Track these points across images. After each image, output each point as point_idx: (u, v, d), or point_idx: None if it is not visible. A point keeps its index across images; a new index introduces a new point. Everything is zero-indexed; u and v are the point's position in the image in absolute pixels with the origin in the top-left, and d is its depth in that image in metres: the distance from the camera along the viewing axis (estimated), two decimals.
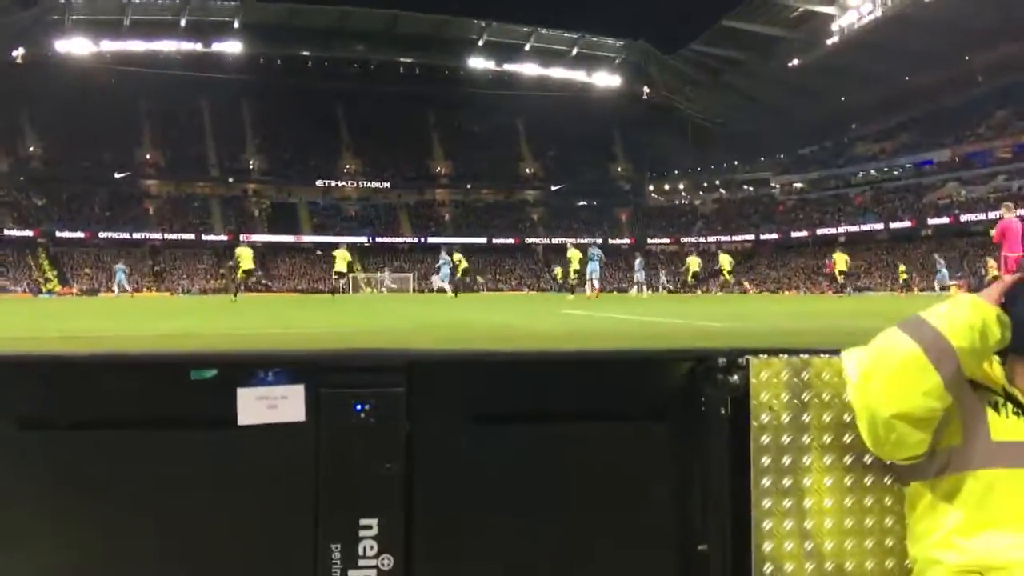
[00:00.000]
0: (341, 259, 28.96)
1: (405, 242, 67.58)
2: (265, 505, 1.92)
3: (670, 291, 32.86)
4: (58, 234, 59.73)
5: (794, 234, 63.04)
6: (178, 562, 1.89)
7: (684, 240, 69.09)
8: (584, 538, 2.04)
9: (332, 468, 1.92)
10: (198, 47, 65.72)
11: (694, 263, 34.90)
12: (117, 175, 65.05)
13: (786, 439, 1.97)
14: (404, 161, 73.11)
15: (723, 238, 66.78)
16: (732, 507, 2.00)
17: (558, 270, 30.64)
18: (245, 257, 23.67)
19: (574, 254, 29.56)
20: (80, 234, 60.09)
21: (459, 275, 31.48)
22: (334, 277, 31.13)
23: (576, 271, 29.37)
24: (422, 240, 67.58)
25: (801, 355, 2.01)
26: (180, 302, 22.94)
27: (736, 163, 72.31)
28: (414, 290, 53.02)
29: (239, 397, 1.89)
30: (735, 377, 1.99)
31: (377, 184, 71.92)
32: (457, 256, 31.11)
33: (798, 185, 68.17)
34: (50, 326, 7.49)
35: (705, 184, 74.10)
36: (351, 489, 1.92)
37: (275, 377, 1.92)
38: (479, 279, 55.53)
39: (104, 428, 1.89)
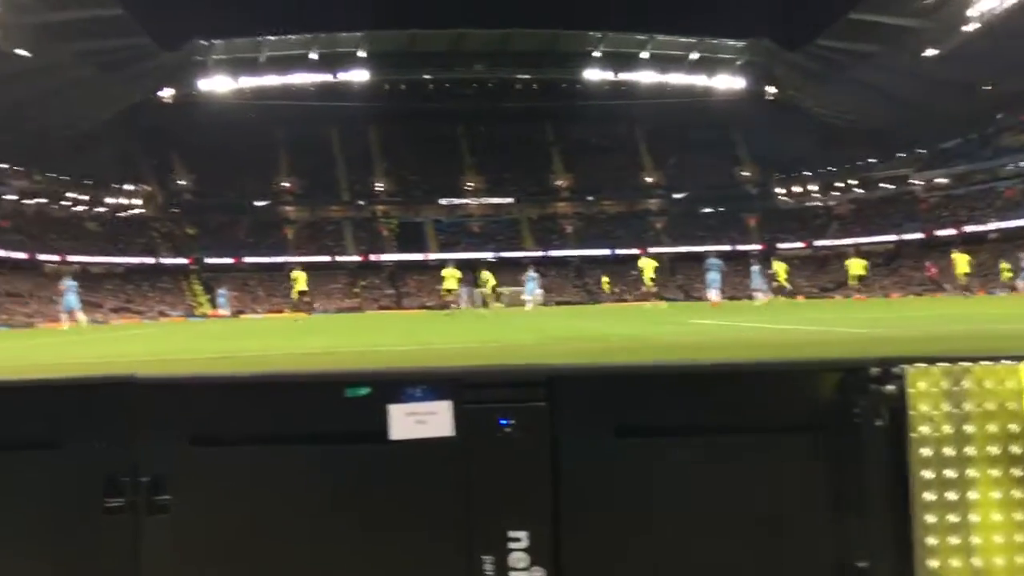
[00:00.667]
0: (451, 277, 29.73)
1: (528, 256, 68.20)
2: (417, 518, 1.99)
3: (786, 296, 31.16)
4: (207, 260, 63.92)
5: (940, 233, 59.27)
6: (337, 570, 2.00)
7: (817, 243, 66.34)
8: (736, 554, 2.01)
9: (480, 481, 1.97)
10: (328, 78, 68.88)
11: (857, 265, 33.09)
12: (258, 203, 69.10)
13: (948, 451, 1.87)
14: (525, 176, 73.86)
15: (861, 240, 63.65)
16: (892, 522, 1.92)
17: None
18: (300, 279, 25.41)
19: (646, 263, 29.09)
20: (227, 260, 64.07)
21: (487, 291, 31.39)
22: (443, 294, 31.71)
23: (652, 279, 29.06)
24: (546, 253, 68.00)
25: (960, 363, 1.91)
26: (319, 321, 24.01)
27: (871, 160, 68.78)
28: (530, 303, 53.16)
29: (390, 413, 1.98)
30: (891, 387, 1.92)
31: (499, 200, 73.00)
32: (485, 274, 30.99)
33: (941, 181, 64.10)
34: (207, 347, 8.03)
35: (839, 184, 70.83)
36: (500, 502, 1.97)
37: (423, 393, 1.99)
38: (605, 288, 55.29)
39: (268, 443, 2.02)
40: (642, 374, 2.12)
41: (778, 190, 74.22)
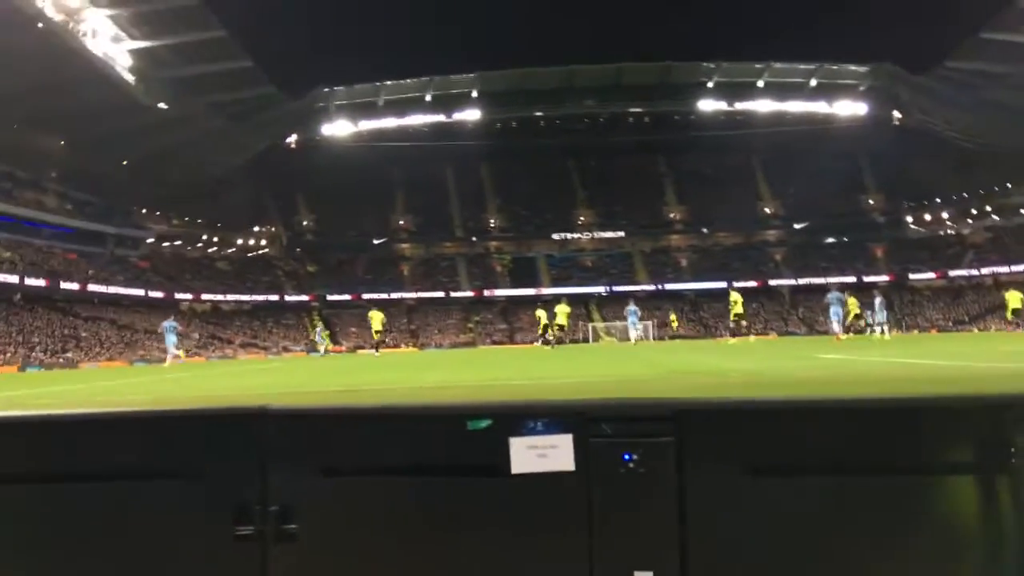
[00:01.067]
0: (562, 314, 30.19)
1: (642, 289, 67.44)
2: (538, 553, 1.95)
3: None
4: (328, 297, 66.46)
5: None
6: None
7: (953, 273, 62.61)
8: None
9: (603, 518, 1.92)
10: (442, 118, 70.96)
11: (1016, 298, 31.08)
12: (376, 241, 71.60)
13: None
14: (637, 209, 73.43)
15: (1000, 268, 59.66)
16: None
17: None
18: (376, 319, 26.59)
19: (736, 297, 28.27)
20: (347, 296, 66.45)
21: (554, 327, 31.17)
22: (555, 330, 31.97)
23: (737, 315, 28.22)
24: (659, 287, 67.07)
25: None
26: (435, 356, 24.47)
27: (1009, 185, 64.54)
28: (654, 338, 52.45)
29: (511, 446, 1.96)
30: None
31: (611, 234, 72.79)
32: (559, 307, 30.88)
33: None
34: (332, 381, 8.30)
35: (973, 211, 66.78)
36: (624, 539, 1.90)
37: (545, 427, 1.96)
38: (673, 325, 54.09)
39: (393, 475, 2.03)
40: (777, 409, 2.02)
41: (908, 218, 70.67)
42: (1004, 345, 13.03)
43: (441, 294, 67.84)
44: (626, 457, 1.91)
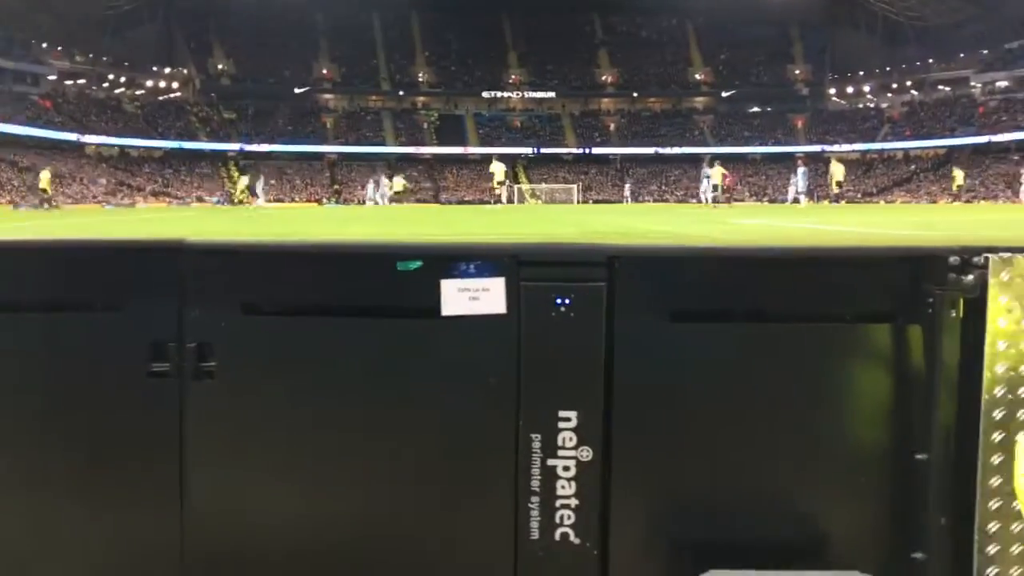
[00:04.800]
0: (499, 171, 32.57)
1: (570, 152, 67.13)
2: (467, 394, 1.98)
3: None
4: (246, 148, 63.89)
5: (995, 139, 56.94)
6: (382, 445, 2.00)
7: (867, 147, 64.27)
8: (790, 440, 1.98)
9: (533, 361, 1.94)
10: None
11: (839, 171, 32.52)
12: (297, 90, 68.37)
13: None
14: (569, 70, 71.84)
15: (912, 144, 61.57)
16: (958, 416, 1.86)
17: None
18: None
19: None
20: (265, 147, 64.01)
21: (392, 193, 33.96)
22: (496, 188, 33.20)
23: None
24: (587, 151, 66.84)
25: None
26: (368, 211, 24.09)
27: (931, 61, 65.56)
28: (578, 201, 52.84)
29: (442, 288, 1.94)
30: (969, 277, 1.82)
31: (542, 94, 71.34)
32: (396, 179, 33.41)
33: (1003, 84, 61.06)
34: (250, 230, 8.09)
35: (895, 85, 67.85)
36: (551, 382, 1.95)
37: (477, 269, 1.94)
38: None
39: (317, 315, 2.00)
40: (705, 257, 2.05)
41: (831, 91, 71.44)
42: (911, 216, 13.63)
43: (365, 149, 66.03)
44: (558, 301, 1.92)
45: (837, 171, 31.66)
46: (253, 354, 2.00)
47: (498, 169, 33.03)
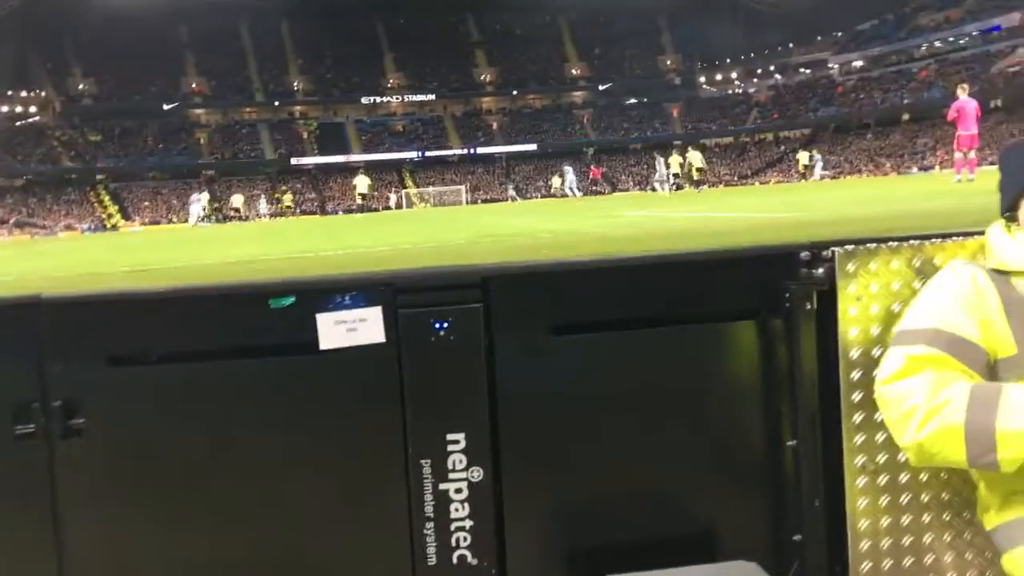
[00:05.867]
0: (362, 184, 35.83)
1: (455, 154, 67.06)
2: (353, 426, 1.96)
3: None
4: (115, 169, 60.73)
5: (855, 116, 60.57)
6: (272, 485, 1.96)
7: (735, 128, 67.05)
8: (673, 441, 2.05)
9: (416, 386, 1.94)
10: None
11: (696, 159, 34.28)
12: (166, 106, 65.52)
13: (876, 330, 1.92)
14: (448, 71, 71.82)
15: (779, 126, 64.72)
16: (821, 402, 1.98)
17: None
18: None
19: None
20: (136, 168, 61.07)
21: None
22: (359, 201, 37.47)
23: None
24: (472, 151, 66.97)
25: (889, 243, 1.93)
26: (242, 229, 23.39)
27: (791, 45, 69.07)
28: (466, 202, 52.90)
29: (319, 322, 1.92)
30: (820, 270, 1.94)
31: (422, 97, 71.00)
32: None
33: (857, 63, 64.99)
34: (120, 260, 7.71)
35: (759, 71, 71.11)
36: (436, 406, 1.95)
37: (352, 300, 1.93)
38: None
39: (189, 360, 1.93)
40: (575, 270, 2.09)
41: (701, 79, 74.16)
42: (780, 197, 14.33)
43: (243, 162, 63.92)
44: (436, 326, 1.93)
45: (694, 158, 33.34)
46: (124, 408, 1.92)
47: (360, 182, 35.98)
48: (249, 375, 1.94)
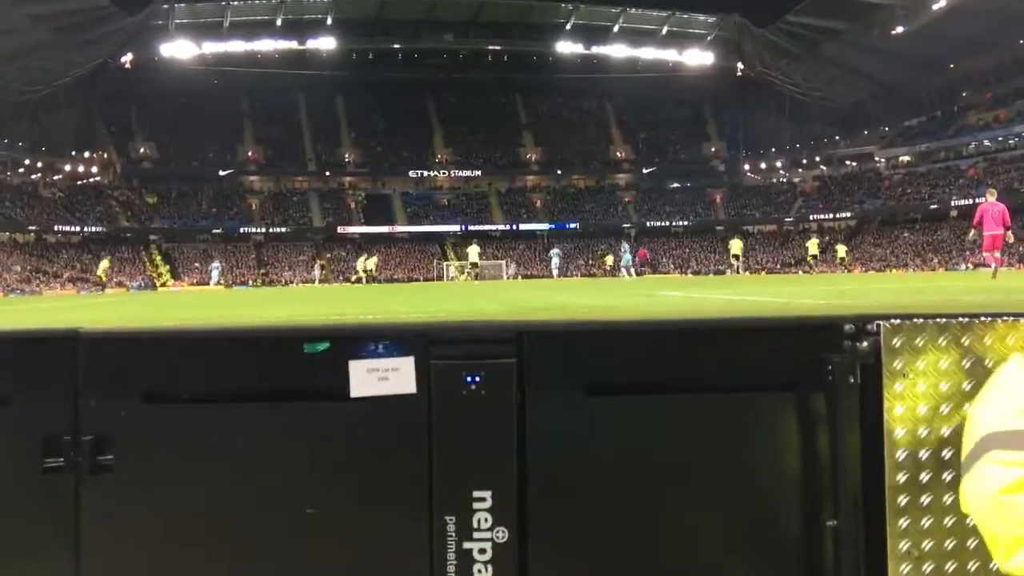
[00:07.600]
0: (474, 253, 37.70)
1: (497, 229, 67.92)
2: (379, 477, 1.92)
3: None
4: (169, 230, 62.62)
5: (901, 210, 60.24)
6: (295, 531, 1.92)
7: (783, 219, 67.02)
8: (706, 512, 1.97)
9: (444, 440, 1.91)
10: (294, 45, 67.34)
11: (736, 245, 34.67)
12: (221, 172, 67.80)
13: (923, 409, 1.84)
14: (494, 149, 73.46)
15: (824, 216, 64.52)
16: (864, 481, 1.89)
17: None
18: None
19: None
20: (189, 229, 62.88)
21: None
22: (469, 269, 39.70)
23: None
24: (514, 227, 67.81)
25: (937, 319, 1.87)
26: (287, 292, 23.74)
27: (837, 138, 69.41)
28: (507, 276, 53.22)
29: (351, 369, 1.90)
30: (864, 344, 1.87)
31: (468, 172, 72.47)
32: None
33: (905, 159, 64.93)
34: (166, 315, 7.84)
35: (804, 161, 71.38)
36: (464, 461, 1.91)
37: (386, 349, 1.92)
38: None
39: (222, 401, 1.93)
40: (614, 331, 2.06)
41: (745, 167, 74.66)
42: (824, 285, 14.17)
43: (292, 229, 65.48)
44: (468, 379, 1.90)
45: (735, 246, 33.77)
46: (155, 445, 1.91)
47: (472, 251, 38.21)
48: (279, 419, 1.93)
